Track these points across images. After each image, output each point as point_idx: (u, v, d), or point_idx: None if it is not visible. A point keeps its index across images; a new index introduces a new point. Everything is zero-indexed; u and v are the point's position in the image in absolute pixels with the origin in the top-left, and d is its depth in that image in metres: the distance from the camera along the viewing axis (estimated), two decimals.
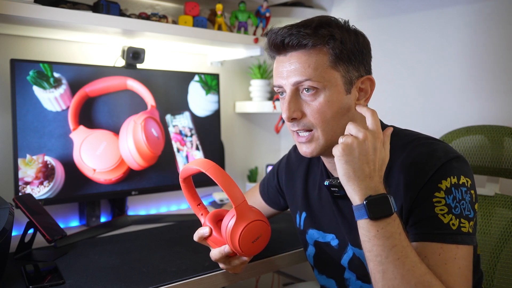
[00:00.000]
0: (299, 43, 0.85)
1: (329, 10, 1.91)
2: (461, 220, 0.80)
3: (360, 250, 0.93)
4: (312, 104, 0.87)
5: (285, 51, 0.88)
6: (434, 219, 0.80)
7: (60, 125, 1.38)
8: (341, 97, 0.88)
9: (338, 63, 0.86)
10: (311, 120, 0.88)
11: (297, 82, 0.87)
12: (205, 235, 0.94)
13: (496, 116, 1.43)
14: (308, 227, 1.07)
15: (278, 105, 1.82)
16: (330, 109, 0.87)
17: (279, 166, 1.20)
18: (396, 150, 0.91)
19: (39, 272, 1.07)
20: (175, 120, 1.64)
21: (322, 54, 0.86)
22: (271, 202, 1.23)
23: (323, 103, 0.87)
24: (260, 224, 0.86)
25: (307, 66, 0.85)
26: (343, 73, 0.87)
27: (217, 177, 0.85)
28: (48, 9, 1.21)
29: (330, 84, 0.86)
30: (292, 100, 0.88)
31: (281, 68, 0.89)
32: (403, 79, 1.68)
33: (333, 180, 0.96)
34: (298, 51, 0.86)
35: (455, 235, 0.79)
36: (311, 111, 0.87)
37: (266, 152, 2.16)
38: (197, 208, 0.99)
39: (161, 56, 1.77)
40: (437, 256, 0.79)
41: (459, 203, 0.81)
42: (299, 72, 0.86)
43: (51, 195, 1.37)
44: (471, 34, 1.49)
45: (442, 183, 0.82)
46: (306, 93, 0.87)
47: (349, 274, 1.00)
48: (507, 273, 1.12)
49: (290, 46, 0.86)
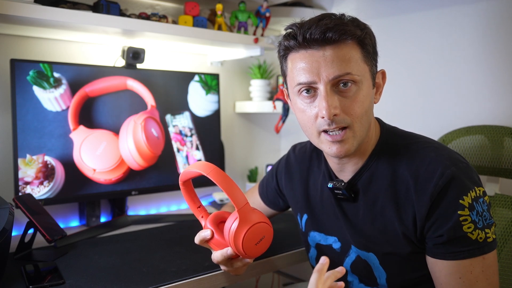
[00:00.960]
0: (340, 37, 0.82)
1: (329, 10, 1.91)
2: (485, 231, 0.82)
3: (366, 253, 0.93)
4: (349, 99, 0.83)
5: (320, 45, 0.82)
6: (464, 239, 0.82)
7: (60, 125, 1.38)
8: (370, 91, 0.88)
9: (368, 57, 0.86)
10: (347, 116, 0.84)
11: (337, 76, 0.82)
12: (206, 237, 0.92)
13: (496, 116, 1.43)
14: (310, 230, 1.06)
15: (278, 105, 1.82)
16: (365, 103, 0.85)
17: (278, 167, 1.19)
18: (398, 151, 0.90)
19: (39, 272, 1.07)
20: (175, 120, 1.64)
21: (356, 48, 0.84)
22: (271, 203, 1.22)
23: (362, 97, 0.84)
24: (263, 226, 0.86)
25: (347, 59, 0.82)
26: (370, 67, 0.87)
27: (218, 180, 0.84)
28: (48, 9, 1.21)
29: (365, 78, 0.85)
30: (331, 96, 0.83)
31: (312, 64, 0.83)
32: (403, 79, 1.68)
33: (337, 183, 0.95)
34: (333, 46, 0.82)
35: (482, 247, 0.82)
36: (350, 105, 0.83)
37: (266, 152, 2.16)
38: (197, 211, 0.99)
39: (161, 56, 1.77)
40: (469, 275, 0.81)
41: (481, 215, 0.82)
42: (339, 66, 0.82)
43: (51, 195, 1.37)
44: (471, 34, 1.49)
45: (464, 199, 0.82)
46: (343, 88, 0.83)
47: (351, 277, 0.99)
48: (507, 273, 1.12)
49: (331, 40, 0.82)
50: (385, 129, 0.95)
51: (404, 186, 0.87)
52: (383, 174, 0.90)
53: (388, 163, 0.90)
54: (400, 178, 0.88)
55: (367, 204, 0.92)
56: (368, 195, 0.92)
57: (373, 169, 0.92)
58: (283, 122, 1.80)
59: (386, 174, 0.90)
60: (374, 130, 0.94)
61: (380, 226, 0.90)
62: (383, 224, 0.90)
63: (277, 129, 1.83)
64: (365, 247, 0.93)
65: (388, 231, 0.89)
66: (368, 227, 0.92)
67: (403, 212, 0.87)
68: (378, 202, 0.91)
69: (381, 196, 0.90)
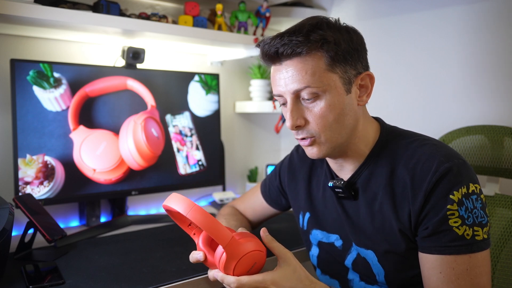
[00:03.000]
0: (293, 52, 0.84)
1: (329, 10, 1.91)
2: (474, 229, 0.82)
3: (365, 250, 0.94)
4: (314, 110, 0.87)
5: (280, 60, 0.87)
6: (449, 232, 0.82)
7: (60, 125, 1.38)
8: (342, 99, 0.87)
9: (335, 65, 0.85)
10: (314, 126, 0.87)
11: (296, 90, 0.85)
12: (200, 260, 0.92)
13: (496, 116, 1.43)
14: (312, 228, 1.07)
15: (278, 105, 1.82)
16: (332, 113, 0.86)
17: (281, 166, 1.20)
18: (398, 150, 0.91)
19: (39, 272, 1.07)
20: (175, 120, 1.64)
21: (317, 59, 0.84)
22: (273, 202, 1.23)
23: (325, 108, 0.86)
24: (252, 255, 0.85)
25: (304, 73, 0.84)
26: (341, 74, 0.86)
27: (198, 220, 0.81)
28: (48, 9, 1.21)
29: (330, 87, 0.85)
30: (294, 109, 0.87)
31: (278, 76, 0.88)
32: (403, 79, 1.68)
33: (337, 182, 0.96)
34: (293, 59, 0.85)
35: (470, 245, 0.81)
36: (314, 117, 0.87)
37: (266, 152, 2.16)
38: (188, 229, 0.97)
39: (161, 56, 1.77)
40: (451, 271, 0.81)
41: (471, 212, 0.82)
42: (297, 80, 0.85)
43: (51, 195, 1.37)
44: (471, 34, 1.49)
45: (454, 194, 0.82)
46: (307, 100, 0.86)
47: (353, 275, 1.00)
48: (507, 273, 1.12)
49: (284, 55, 0.85)
50: (385, 129, 0.96)
51: (401, 184, 0.88)
52: (381, 173, 0.92)
53: (387, 162, 0.92)
54: (398, 176, 0.89)
55: (366, 202, 0.94)
56: (367, 193, 0.94)
57: (372, 168, 0.93)
58: (283, 122, 1.81)
59: (385, 173, 0.91)
60: (372, 130, 0.95)
61: (378, 223, 0.92)
62: (381, 221, 0.91)
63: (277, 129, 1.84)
64: (364, 244, 0.94)
65: (386, 229, 0.90)
66: (368, 225, 0.93)
67: (400, 209, 0.88)
68: (376, 200, 0.92)
69: (379, 194, 0.91)
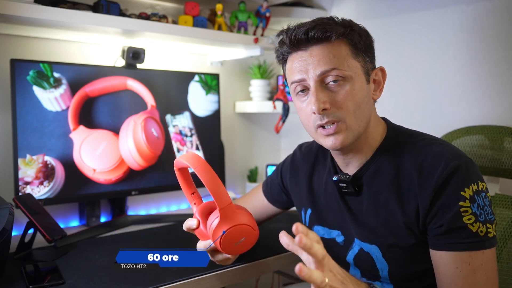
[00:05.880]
0: (323, 36, 0.86)
1: (329, 10, 1.91)
2: (487, 225, 0.83)
3: (369, 245, 0.95)
4: (339, 93, 0.87)
5: (306, 45, 0.88)
6: (464, 230, 0.83)
7: (60, 125, 1.38)
8: (364, 86, 0.90)
9: (358, 53, 0.89)
10: (338, 110, 0.87)
11: (323, 71, 0.87)
12: (192, 227, 0.96)
13: (496, 116, 1.43)
14: (314, 224, 1.08)
15: (278, 105, 1.82)
16: (356, 98, 0.88)
17: (283, 165, 1.21)
18: (404, 147, 0.93)
19: (39, 272, 1.07)
20: (175, 120, 1.64)
21: (343, 45, 0.88)
22: (274, 201, 1.24)
23: (350, 92, 0.87)
24: (243, 228, 0.85)
25: (332, 56, 0.87)
26: (362, 63, 0.90)
27: (203, 175, 0.82)
28: (48, 9, 1.21)
29: (354, 73, 0.88)
30: (319, 92, 0.87)
31: (301, 63, 0.89)
32: (403, 79, 1.68)
33: (342, 176, 0.97)
34: (319, 45, 0.87)
35: (483, 242, 0.83)
36: (339, 101, 0.87)
37: (266, 152, 2.16)
38: (190, 197, 0.99)
39: (161, 56, 1.77)
40: (467, 266, 0.82)
41: (483, 209, 0.84)
42: (325, 63, 0.86)
43: (51, 195, 1.37)
44: (471, 34, 1.49)
45: (465, 191, 0.83)
46: (333, 84, 0.87)
47: (354, 271, 1.01)
48: (507, 273, 1.12)
49: (314, 38, 0.87)
50: (392, 128, 0.98)
51: (407, 179, 0.89)
52: (387, 169, 0.93)
53: (393, 159, 0.93)
54: (404, 172, 0.90)
55: (370, 197, 0.95)
56: (372, 188, 0.95)
57: (378, 164, 0.94)
58: (283, 122, 1.81)
59: (391, 169, 0.92)
60: (380, 128, 0.97)
61: (383, 218, 0.92)
62: (386, 216, 0.92)
63: (277, 129, 1.83)
64: (368, 239, 0.95)
65: (391, 223, 0.91)
66: (372, 220, 0.94)
67: (406, 204, 0.89)
68: (381, 195, 0.93)
69: (384, 189, 0.92)
